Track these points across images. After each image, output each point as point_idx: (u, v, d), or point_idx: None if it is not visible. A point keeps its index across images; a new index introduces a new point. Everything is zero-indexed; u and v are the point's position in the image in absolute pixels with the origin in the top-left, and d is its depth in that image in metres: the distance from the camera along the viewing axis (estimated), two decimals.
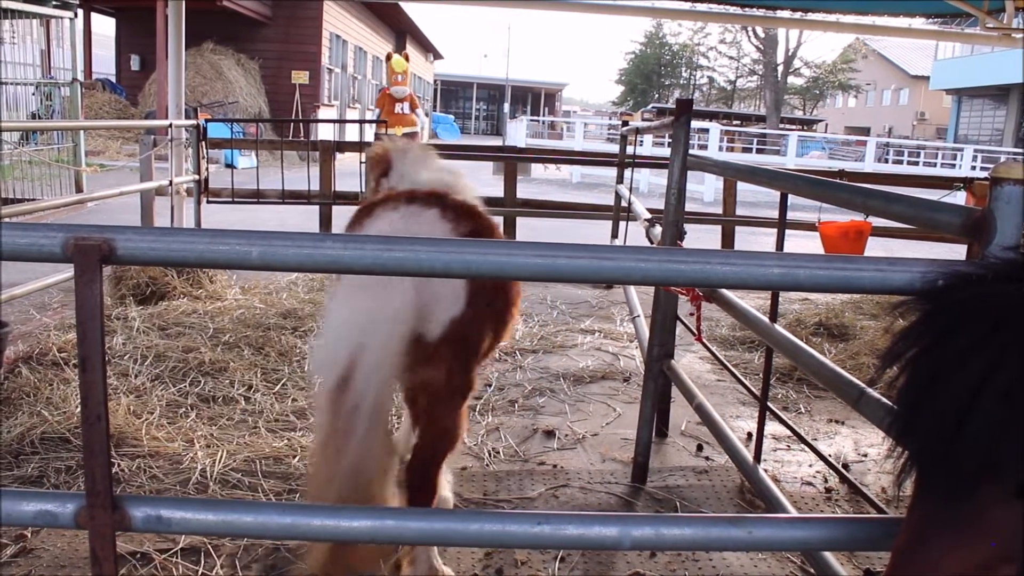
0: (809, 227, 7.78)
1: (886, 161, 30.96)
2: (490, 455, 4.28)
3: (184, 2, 9.10)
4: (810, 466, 4.32)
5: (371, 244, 1.72)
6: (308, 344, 5.78)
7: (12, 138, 12.72)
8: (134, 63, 25.40)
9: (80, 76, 14.38)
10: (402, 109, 16.06)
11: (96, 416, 1.65)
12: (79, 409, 1.79)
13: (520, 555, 3.28)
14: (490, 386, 5.30)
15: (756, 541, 1.77)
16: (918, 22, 11.30)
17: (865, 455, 4.54)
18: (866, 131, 54.00)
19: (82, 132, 13.18)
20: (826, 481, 4.16)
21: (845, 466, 4.24)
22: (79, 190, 11.84)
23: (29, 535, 3.24)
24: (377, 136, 15.07)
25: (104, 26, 27.41)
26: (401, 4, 28.90)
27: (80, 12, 15.27)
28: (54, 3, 13.22)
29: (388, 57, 16.94)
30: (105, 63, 27.28)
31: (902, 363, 1.28)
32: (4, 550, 3.14)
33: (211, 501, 1.99)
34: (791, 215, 10.59)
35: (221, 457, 4.00)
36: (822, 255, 1.74)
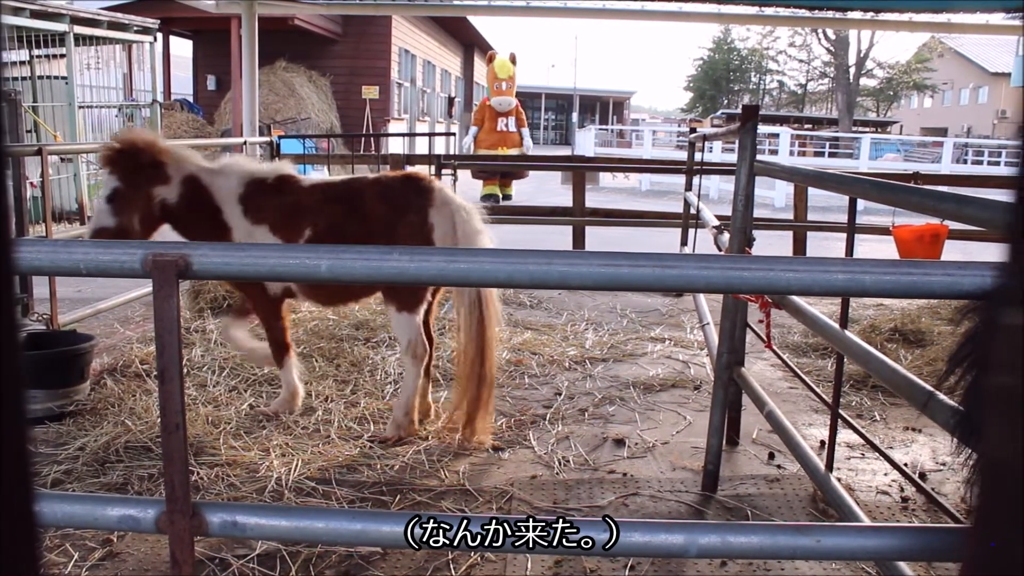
0: (883, 231, 7.63)
1: (965, 162, 30.10)
2: (560, 463, 4.30)
3: (258, 23, 9.35)
4: (885, 475, 4.23)
5: (436, 256, 1.76)
6: (380, 355, 5.88)
7: (97, 159, 13.20)
8: (210, 83, 26.11)
9: (160, 97, 14.87)
10: (506, 125, 13.40)
11: (175, 425, 1.72)
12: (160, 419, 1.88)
13: (590, 563, 3.28)
14: (560, 395, 5.32)
15: (824, 550, 1.76)
16: (996, 18, 10.98)
17: (943, 464, 4.43)
18: (943, 132, 52.47)
19: None
20: (902, 491, 4.07)
21: (922, 475, 4.14)
22: None
23: (115, 539, 3.36)
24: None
25: (182, 48, 28.23)
26: (468, 17, 29.22)
27: (159, 36, 15.79)
28: (136, 28, 13.70)
29: (490, 59, 13.82)
30: (183, 84, 28.10)
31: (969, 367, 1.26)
32: (92, 553, 3.26)
33: (284, 508, 2.05)
34: (866, 219, 10.40)
35: (296, 466, 4.09)
36: (888, 260, 1.72)
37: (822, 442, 4.53)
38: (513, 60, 13.34)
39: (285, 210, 4.60)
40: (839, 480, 3.11)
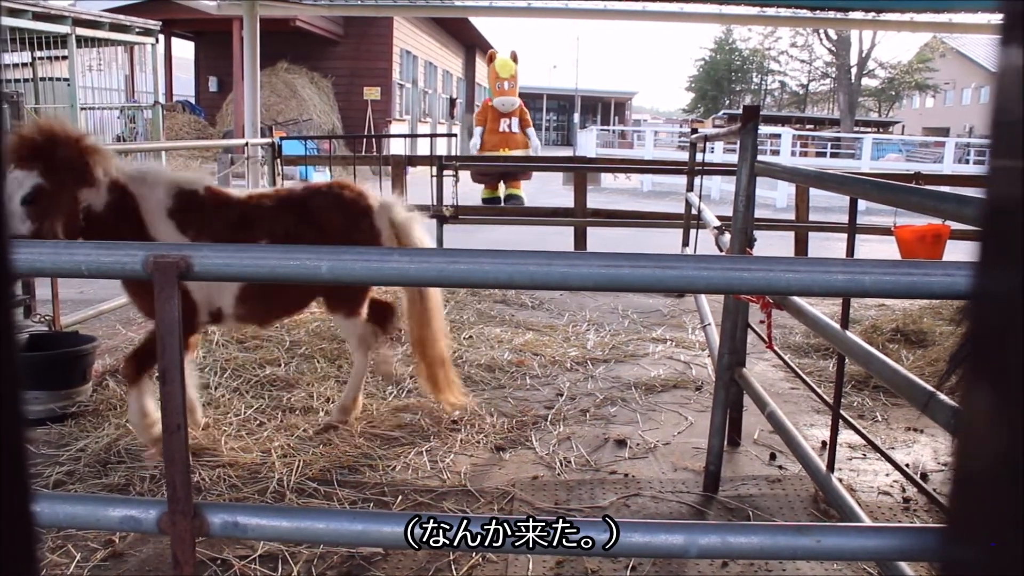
0: (885, 231, 7.64)
1: (967, 162, 30.04)
2: (561, 464, 4.30)
3: (259, 24, 9.36)
4: (887, 475, 4.23)
5: (436, 257, 1.76)
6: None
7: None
8: (212, 85, 26.16)
9: (162, 99, 14.90)
10: (508, 126, 12.79)
11: (176, 426, 1.72)
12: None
13: (591, 564, 3.28)
14: (561, 395, 5.32)
15: (825, 550, 1.76)
16: (998, 17, 10.94)
17: (945, 464, 4.42)
18: (945, 132, 52.45)
19: (164, 152, 13.60)
20: (904, 491, 4.07)
21: (923, 476, 4.13)
22: None
23: (117, 540, 3.37)
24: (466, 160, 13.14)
25: (184, 50, 28.29)
26: (470, 18, 29.24)
27: (161, 38, 15.80)
28: (137, 30, 13.72)
29: (490, 58, 13.08)
30: (185, 85, 28.15)
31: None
32: (94, 554, 3.27)
33: (285, 508, 2.06)
34: (868, 220, 10.39)
35: (297, 467, 4.09)
36: (888, 260, 1.73)
37: (823, 443, 4.52)
38: (515, 59, 12.61)
39: (233, 224, 4.23)
40: (840, 481, 3.11)
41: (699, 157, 8.40)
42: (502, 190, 12.89)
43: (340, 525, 1.82)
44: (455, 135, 14.30)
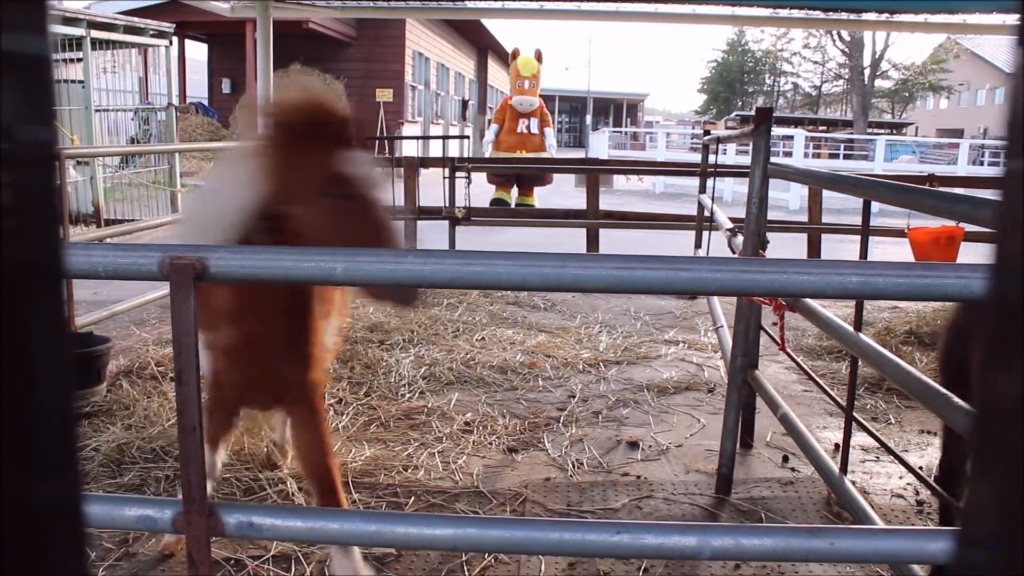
0: (898, 233, 7.61)
1: (981, 164, 29.87)
2: (574, 466, 4.30)
3: (272, 26, 9.39)
4: (900, 478, 4.22)
5: (450, 259, 1.77)
6: (394, 357, 5.89)
7: (113, 162, 13.32)
8: (225, 86, 26.26)
9: (175, 101, 14.95)
10: (527, 127, 12.34)
11: (191, 426, 1.73)
12: (174, 420, 1.89)
13: (603, 566, 3.28)
14: (574, 397, 5.32)
15: (838, 552, 1.76)
16: (1013, 18, 10.88)
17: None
18: (959, 133, 52.19)
19: (177, 154, 13.64)
20: (917, 494, 4.06)
21: (937, 479, 4.11)
22: (175, 210, 12.30)
23: (131, 540, 3.38)
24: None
25: (197, 52, 28.41)
26: (482, 20, 29.24)
27: (175, 40, 15.90)
28: (151, 32, 13.79)
29: (513, 55, 12.55)
30: (198, 87, 28.27)
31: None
32: (110, 553, 3.29)
33: (300, 509, 2.07)
34: (881, 221, 10.36)
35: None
36: (901, 263, 1.72)
37: (836, 445, 4.51)
38: (539, 58, 12.31)
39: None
40: (853, 483, 3.11)
41: (712, 159, 8.39)
42: (514, 196, 12.73)
43: (354, 525, 1.83)
44: (467, 137, 14.29)
